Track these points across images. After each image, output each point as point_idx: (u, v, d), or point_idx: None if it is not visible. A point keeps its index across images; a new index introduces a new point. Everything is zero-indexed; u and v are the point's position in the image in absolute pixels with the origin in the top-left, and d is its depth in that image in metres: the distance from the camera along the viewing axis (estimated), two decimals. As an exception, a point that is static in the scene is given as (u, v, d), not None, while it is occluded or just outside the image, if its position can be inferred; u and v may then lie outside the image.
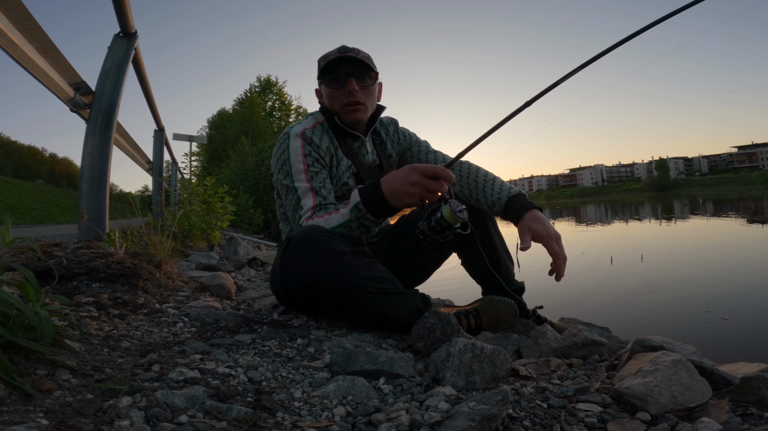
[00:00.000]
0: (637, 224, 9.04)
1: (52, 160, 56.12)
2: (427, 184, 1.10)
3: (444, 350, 0.92)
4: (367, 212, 1.17)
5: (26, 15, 1.57)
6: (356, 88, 1.35)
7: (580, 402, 0.81)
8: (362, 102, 1.37)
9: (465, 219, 1.11)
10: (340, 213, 1.21)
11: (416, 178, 1.10)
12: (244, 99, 22.85)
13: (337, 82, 1.35)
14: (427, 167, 1.11)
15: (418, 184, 1.11)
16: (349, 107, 1.36)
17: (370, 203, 1.16)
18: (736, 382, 0.86)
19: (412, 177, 1.11)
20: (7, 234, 0.82)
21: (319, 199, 1.28)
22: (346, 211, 1.20)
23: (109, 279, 1.28)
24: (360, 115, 1.38)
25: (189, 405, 0.63)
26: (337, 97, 1.37)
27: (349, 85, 1.34)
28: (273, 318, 1.24)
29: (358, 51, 1.36)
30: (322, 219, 1.23)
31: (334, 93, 1.37)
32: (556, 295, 2.84)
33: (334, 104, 1.38)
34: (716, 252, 4.40)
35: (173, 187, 5.90)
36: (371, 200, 1.16)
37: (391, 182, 1.15)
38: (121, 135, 3.43)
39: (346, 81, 1.35)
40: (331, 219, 1.22)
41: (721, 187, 67.84)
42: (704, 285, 2.95)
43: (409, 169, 1.12)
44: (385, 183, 1.15)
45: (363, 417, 0.70)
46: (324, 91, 1.41)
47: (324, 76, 1.37)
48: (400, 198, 1.14)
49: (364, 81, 1.37)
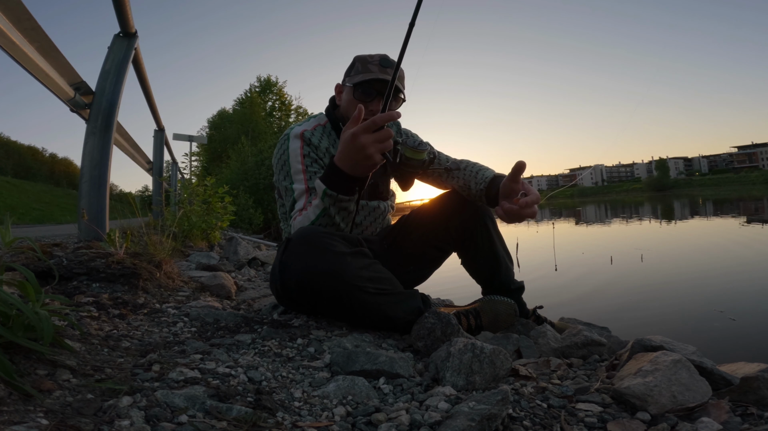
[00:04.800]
0: (637, 224, 9.04)
1: (52, 160, 56.10)
2: (375, 138, 1.06)
3: (444, 350, 0.92)
4: (338, 194, 1.15)
5: (26, 15, 1.57)
6: (380, 109, 1.35)
7: (580, 402, 0.81)
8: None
9: (426, 149, 1.17)
10: (313, 205, 1.22)
11: (364, 140, 1.05)
12: (244, 99, 22.86)
13: (366, 97, 1.34)
14: (365, 125, 1.05)
15: (368, 146, 1.06)
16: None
17: (337, 185, 1.14)
18: (735, 382, 0.86)
19: (360, 142, 1.05)
20: (7, 234, 0.82)
21: (311, 200, 1.29)
22: (318, 201, 1.19)
23: (109, 279, 1.28)
24: None
25: (189, 405, 0.63)
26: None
27: (375, 104, 1.34)
28: (273, 318, 1.24)
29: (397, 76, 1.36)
30: (302, 217, 1.25)
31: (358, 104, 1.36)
32: (556, 295, 2.84)
33: (351, 112, 1.37)
34: (716, 252, 4.40)
35: (173, 187, 5.91)
36: (337, 182, 1.14)
37: (344, 159, 1.11)
38: (121, 135, 3.43)
39: (374, 98, 1.34)
40: (308, 214, 1.22)
41: (721, 187, 67.85)
42: (704, 285, 2.95)
43: (351, 138, 1.06)
44: (340, 161, 1.12)
45: (363, 416, 0.70)
46: (347, 95, 1.39)
47: (356, 86, 1.35)
48: (362, 167, 1.10)
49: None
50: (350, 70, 1.39)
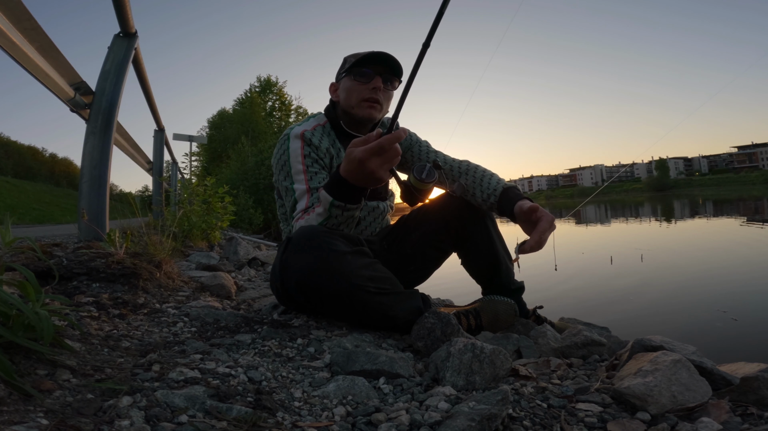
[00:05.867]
0: (637, 224, 9.04)
1: (52, 160, 56.05)
2: (383, 161, 1.05)
3: (444, 350, 0.92)
4: (346, 204, 1.16)
5: (26, 15, 1.57)
6: (380, 86, 1.36)
7: (580, 402, 0.81)
8: (381, 102, 1.38)
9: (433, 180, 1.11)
10: (316, 212, 1.21)
11: (372, 166, 1.05)
12: (244, 99, 22.83)
13: (365, 77, 1.35)
14: (372, 148, 1.04)
15: (378, 169, 1.06)
16: (367, 102, 1.37)
17: (344, 196, 1.14)
18: (736, 382, 0.86)
19: (369, 167, 1.05)
20: (7, 234, 0.82)
21: (313, 201, 1.29)
22: (321, 209, 1.19)
23: (109, 279, 1.29)
24: (375, 113, 1.39)
25: (189, 404, 0.63)
26: (359, 91, 1.36)
27: (375, 82, 1.35)
28: (273, 318, 1.24)
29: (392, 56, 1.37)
30: (303, 221, 1.24)
31: (357, 86, 1.36)
32: (556, 295, 2.84)
33: (352, 97, 1.37)
34: (716, 252, 4.40)
35: (173, 187, 5.90)
36: (344, 194, 1.14)
37: (354, 177, 1.10)
38: (121, 135, 3.43)
39: (373, 77, 1.35)
40: (310, 219, 1.22)
41: (721, 187, 67.85)
42: (704, 284, 2.95)
43: (359, 163, 1.05)
44: (350, 178, 1.10)
45: (363, 416, 0.70)
46: (345, 84, 1.39)
47: (353, 69, 1.36)
48: (371, 183, 1.11)
49: (389, 83, 1.38)
50: (342, 66, 1.41)
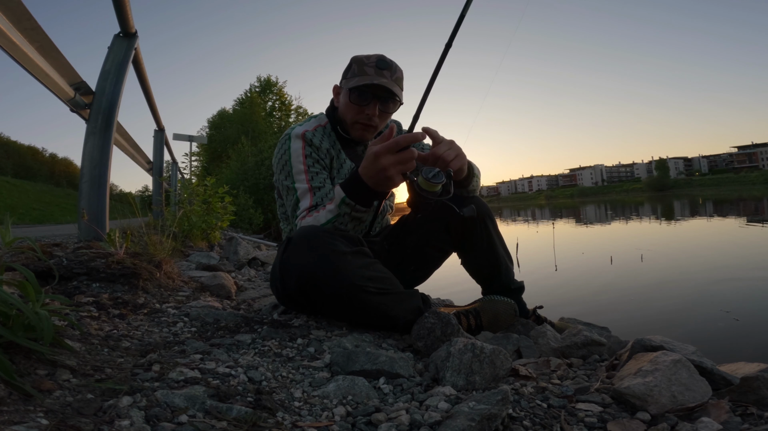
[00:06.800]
0: (637, 224, 9.04)
1: (52, 160, 56.03)
2: (396, 159, 1.07)
3: (444, 350, 0.92)
4: (356, 204, 1.16)
5: (26, 15, 1.57)
6: (376, 113, 1.35)
7: (580, 402, 0.81)
8: (375, 126, 1.38)
9: (441, 182, 1.10)
10: (326, 209, 1.21)
11: (384, 162, 1.07)
12: (244, 99, 22.83)
13: (361, 101, 1.34)
14: (389, 145, 1.06)
15: (389, 167, 1.07)
16: (360, 125, 1.37)
17: (357, 195, 1.15)
18: (735, 382, 0.86)
19: (381, 163, 1.07)
20: (7, 234, 0.82)
21: (316, 200, 1.29)
22: (333, 206, 1.19)
23: (109, 279, 1.29)
24: (368, 135, 1.40)
25: (189, 404, 0.63)
26: (354, 112, 1.36)
27: (371, 108, 1.34)
28: (273, 318, 1.25)
29: (394, 71, 1.34)
30: (311, 218, 1.23)
31: (353, 107, 1.35)
32: (556, 295, 2.84)
33: (348, 116, 1.38)
34: (716, 252, 4.40)
35: (173, 187, 5.90)
36: (357, 193, 1.15)
37: (368, 174, 1.11)
38: (121, 135, 3.43)
39: (369, 102, 1.34)
40: (319, 217, 1.22)
41: (721, 187, 67.88)
42: (704, 284, 2.95)
43: (374, 157, 1.07)
44: (364, 175, 1.12)
45: (363, 416, 0.70)
46: (343, 98, 1.38)
47: (352, 89, 1.34)
48: (383, 184, 1.11)
49: (386, 106, 1.37)
50: (347, 71, 1.39)
